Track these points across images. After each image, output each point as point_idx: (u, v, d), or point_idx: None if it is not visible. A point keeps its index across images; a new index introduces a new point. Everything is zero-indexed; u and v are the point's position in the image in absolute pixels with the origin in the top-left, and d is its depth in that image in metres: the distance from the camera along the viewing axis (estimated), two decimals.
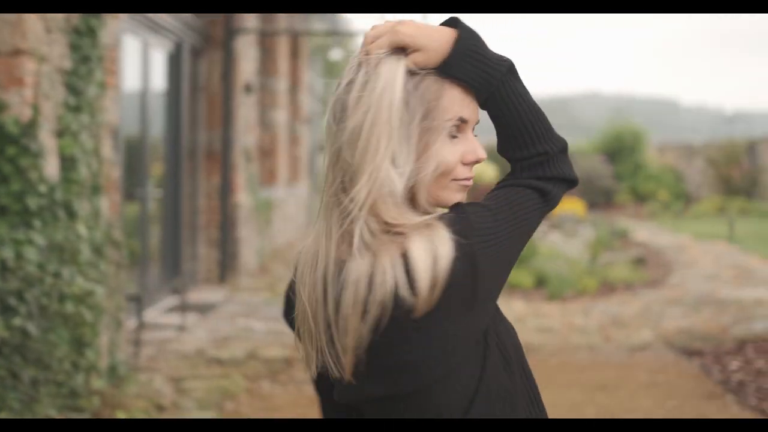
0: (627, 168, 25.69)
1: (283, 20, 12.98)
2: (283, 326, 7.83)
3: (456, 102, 1.49)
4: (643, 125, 28.02)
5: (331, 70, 26.72)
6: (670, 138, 42.90)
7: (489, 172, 21.68)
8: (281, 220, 13.24)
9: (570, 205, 16.16)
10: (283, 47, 13.26)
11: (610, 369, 6.78)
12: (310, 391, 5.89)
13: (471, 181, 1.53)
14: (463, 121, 1.49)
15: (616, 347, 7.52)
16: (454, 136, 1.49)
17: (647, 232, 17.90)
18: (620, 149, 26.08)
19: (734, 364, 6.84)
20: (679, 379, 6.47)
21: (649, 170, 25.57)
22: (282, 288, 9.95)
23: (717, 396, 6.03)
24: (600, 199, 23.62)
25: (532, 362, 8.08)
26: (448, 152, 1.48)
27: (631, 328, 8.29)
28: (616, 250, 13.88)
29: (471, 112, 1.51)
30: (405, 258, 1.40)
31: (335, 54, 27.05)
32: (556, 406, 5.70)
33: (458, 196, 1.52)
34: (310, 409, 5.49)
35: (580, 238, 13.84)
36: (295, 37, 14.78)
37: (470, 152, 1.51)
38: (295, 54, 15.12)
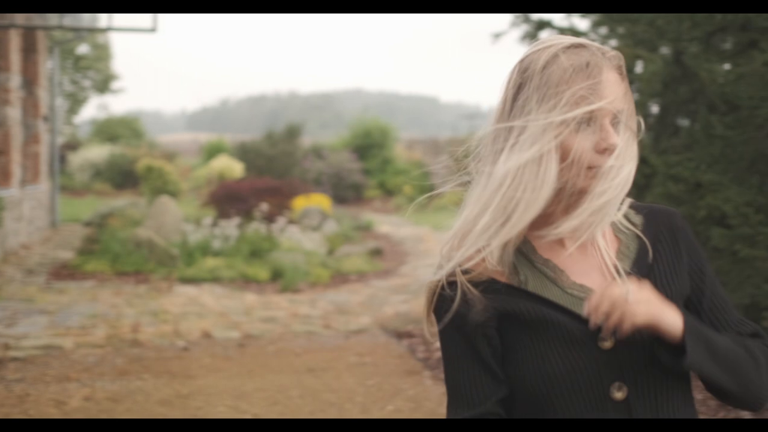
0: (376, 163, 26.55)
1: (14, 14, 12.57)
2: (2, 328, 7.70)
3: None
4: (405, 121, 28.97)
5: (79, 64, 26.00)
6: (431, 134, 44.53)
7: (237, 169, 21.86)
8: (15, 221, 12.84)
9: (316, 200, 16.57)
10: (14, 41, 12.87)
11: (324, 353, 7.18)
12: (18, 389, 5.89)
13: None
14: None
15: (335, 333, 7.95)
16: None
17: (390, 225, 18.68)
18: (369, 145, 26.92)
19: (438, 343, 7.40)
20: (385, 359, 6.95)
21: (397, 165, 26.57)
22: (10, 290, 9.70)
23: (415, 372, 6.55)
24: (350, 194, 24.28)
25: (252, 351, 8.31)
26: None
27: (353, 315, 8.76)
28: (355, 243, 14.43)
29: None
30: None
31: (83, 48, 26.30)
32: (264, 390, 6.01)
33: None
34: (16, 408, 5.51)
35: (321, 232, 14.30)
36: (30, 32, 14.34)
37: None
38: (31, 48, 14.68)
